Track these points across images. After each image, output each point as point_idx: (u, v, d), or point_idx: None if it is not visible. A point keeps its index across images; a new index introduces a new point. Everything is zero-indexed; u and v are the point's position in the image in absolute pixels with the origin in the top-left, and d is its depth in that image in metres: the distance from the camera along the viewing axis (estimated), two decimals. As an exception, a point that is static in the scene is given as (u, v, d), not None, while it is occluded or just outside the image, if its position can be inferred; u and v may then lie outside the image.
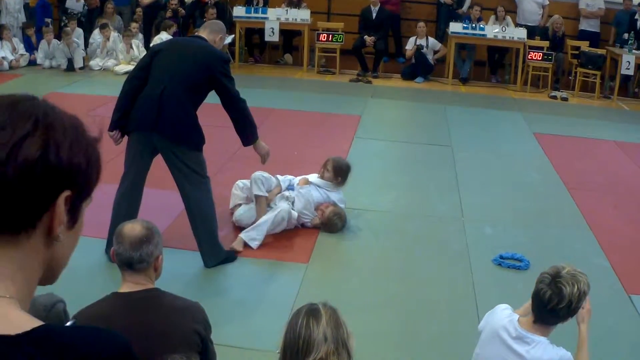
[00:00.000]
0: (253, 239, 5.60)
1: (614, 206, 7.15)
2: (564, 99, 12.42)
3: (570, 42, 13.46)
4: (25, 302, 1.11)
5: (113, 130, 5.10)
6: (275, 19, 13.11)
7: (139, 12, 13.61)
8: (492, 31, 12.88)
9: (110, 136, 5.09)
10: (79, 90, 10.97)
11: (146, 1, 13.79)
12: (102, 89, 11.10)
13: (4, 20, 13.06)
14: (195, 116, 5.03)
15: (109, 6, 13.54)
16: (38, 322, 1.08)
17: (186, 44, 5.30)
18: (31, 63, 12.58)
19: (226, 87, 5.00)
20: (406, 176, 7.76)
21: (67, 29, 12.54)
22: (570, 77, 13.38)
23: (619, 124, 10.83)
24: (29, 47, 12.86)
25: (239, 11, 13.24)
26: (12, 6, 13.19)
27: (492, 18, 13.34)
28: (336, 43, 13.19)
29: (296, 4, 13.51)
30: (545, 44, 12.89)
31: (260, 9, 13.27)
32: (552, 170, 8.15)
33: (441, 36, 13.88)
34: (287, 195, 6.02)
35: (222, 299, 4.85)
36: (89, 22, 13.65)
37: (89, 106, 9.83)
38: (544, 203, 7.10)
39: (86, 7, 13.69)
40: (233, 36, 13.15)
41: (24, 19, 13.41)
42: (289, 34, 13.94)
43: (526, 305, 3.24)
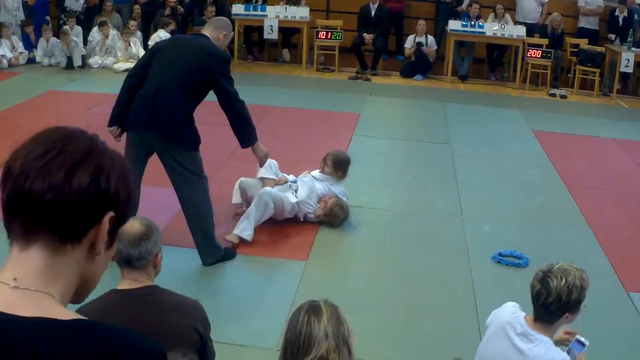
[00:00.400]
0: (244, 230, 5.60)
1: (612, 204, 7.15)
2: (563, 96, 12.42)
3: (569, 40, 13.45)
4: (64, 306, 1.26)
5: (112, 125, 5.11)
6: (274, 16, 13.10)
7: (137, 10, 13.60)
8: (491, 29, 12.87)
9: (109, 132, 5.09)
10: (78, 88, 10.97)
11: (144, -1, 13.78)
12: (101, 86, 11.09)
13: (2, 18, 13.04)
14: (190, 116, 5.00)
15: (108, 4, 13.52)
16: (84, 318, 1.24)
17: (187, 42, 5.26)
18: (30, 61, 12.57)
19: (224, 87, 4.96)
20: (405, 174, 7.76)
21: (65, 27, 12.53)
22: (569, 75, 13.37)
23: (618, 122, 10.83)
24: (28, 45, 12.85)
25: (238, 9, 13.22)
26: (11, 4, 13.16)
27: (491, 16, 13.34)
28: (335, 41, 13.19)
29: (295, 2, 13.50)
30: (545, 41, 12.89)
31: (259, 6, 13.25)
32: (551, 167, 8.15)
33: (440, 34, 13.88)
34: (289, 184, 6.04)
35: (222, 297, 4.85)
36: (88, 20, 13.64)
37: (88, 104, 9.84)
38: (543, 201, 7.10)
39: (85, 5, 13.68)
40: (232, 34, 13.11)
41: (22, 16, 13.40)
42: (288, 31, 13.93)
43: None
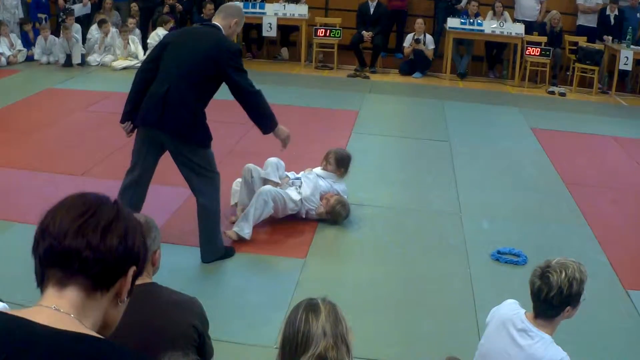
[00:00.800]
0: (242, 229, 5.60)
1: (611, 201, 7.15)
2: (562, 94, 12.42)
3: (568, 38, 13.47)
4: None
5: (124, 122, 5.12)
6: (273, 14, 13.10)
7: (134, 7, 13.58)
8: (490, 26, 12.87)
9: (122, 127, 5.10)
10: (76, 86, 10.96)
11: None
12: (100, 84, 11.09)
13: (1, 16, 13.03)
14: (201, 113, 4.97)
15: (108, 2, 13.52)
16: (111, 342, 1.47)
17: (196, 36, 5.12)
18: (29, 59, 12.56)
19: (236, 81, 4.91)
20: (404, 171, 7.76)
21: (66, 23, 12.52)
22: (568, 73, 13.38)
23: (617, 120, 10.83)
24: (27, 43, 12.84)
25: (236, 6, 13.19)
26: (10, 2, 13.16)
27: (490, 13, 13.34)
28: (334, 38, 13.18)
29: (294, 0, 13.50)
30: (543, 39, 12.89)
31: (258, 4, 13.24)
32: (550, 165, 8.16)
33: (439, 32, 13.87)
34: (292, 181, 6.04)
35: (220, 294, 4.85)
36: (87, 18, 13.63)
37: (87, 102, 9.84)
38: (542, 198, 7.10)
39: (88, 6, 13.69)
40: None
41: (21, 14, 13.39)
42: (287, 29, 13.92)
43: None
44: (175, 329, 2.71)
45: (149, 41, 12.29)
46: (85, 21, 13.49)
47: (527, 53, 12.66)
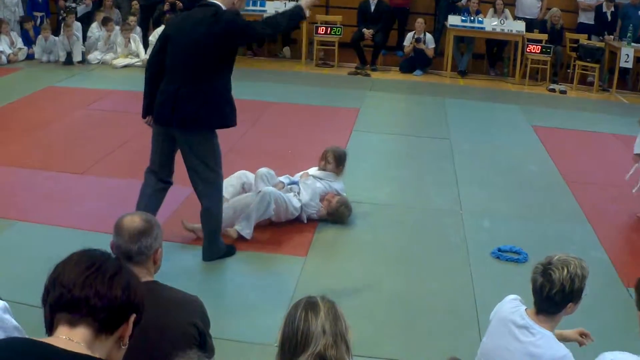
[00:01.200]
0: (244, 229, 5.60)
1: (612, 199, 7.15)
2: (563, 91, 12.42)
3: (569, 35, 13.45)
4: None
5: (145, 116, 5.13)
6: (274, 11, 13.07)
7: (135, 5, 13.57)
8: (491, 24, 12.86)
9: (144, 122, 5.16)
10: (77, 84, 10.96)
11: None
12: (101, 82, 11.10)
13: (1, 14, 13.03)
14: (223, 91, 4.89)
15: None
16: None
17: (193, 24, 4.83)
18: (29, 57, 12.56)
19: (252, 38, 4.88)
20: (404, 169, 7.76)
21: (67, 21, 12.51)
22: (568, 70, 13.37)
23: (618, 117, 10.82)
24: (27, 41, 12.84)
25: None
26: (10, 0, 13.15)
27: (491, 11, 13.33)
28: (335, 36, 13.18)
29: (294, -3, 13.50)
30: (544, 36, 12.88)
31: (259, 1, 13.22)
32: (551, 163, 8.15)
33: (440, 29, 13.86)
34: (290, 187, 6.02)
35: (221, 293, 4.86)
36: (87, 16, 13.62)
37: (87, 100, 9.84)
38: (543, 196, 7.10)
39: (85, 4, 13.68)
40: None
41: (21, 12, 13.39)
42: (288, 27, 13.88)
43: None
44: (176, 327, 2.71)
45: (150, 39, 12.29)
46: (85, 19, 13.48)
47: (527, 51, 12.65)
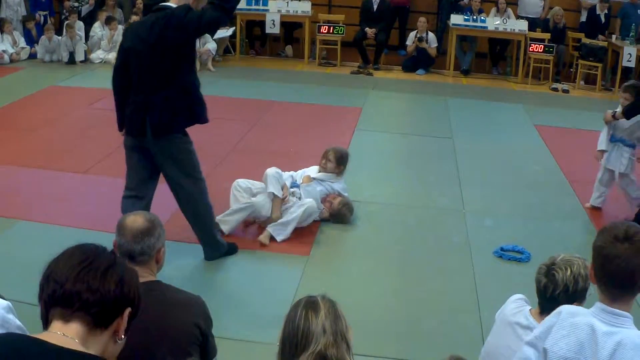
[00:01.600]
0: (279, 234, 5.62)
1: (614, 198, 7.13)
2: (565, 91, 12.40)
3: (572, 34, 13.42)
4: None
5: (122, 129, 5.05)
6: (276, 11, 13.08)
7: (139, 4, 13.57)
8: (493, 23, 12.84)
9: (122, 135, 5.04)
10: (79, 84, 10.96)
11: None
12: (103, 81, 10.99)
13: (4, 13, 13.04)
14: (188, 92, 4.76)
15: (110, -1, 13.53)
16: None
17: (148, 29, 4.76)
18: (32, 56, 12.56)
19: (204, 27, 4.67)
20: (407, 168, 7.75)
21: (70, 21, 12.51)
22: (571, 70, 13.35)
23: (620, 116, 10.78)
24: (30, 40, 12.84)
25: (240, 3, 13.16)
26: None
27: (493, 10, 13.30)
28: (337, 35, 13.17)
29: (297, -4, 13.48)
30: (547, 36, 12.86)
31: (261, 0, 13.22)
32: (553, 162, 8.14)
33: (442, 28, 13.85)
34: (293, 191, 6.00)
35: (223, 292, 4.86)
36: (89, 15, 13.62)
37: (90, 99, 9.83)
38: (545, 195, 7.09)
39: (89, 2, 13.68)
40: (234, 28, 13.12)
41: (24, 12, 13.39)
42: (290, 26, 13.90)
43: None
44: (178, 327, 2.71)
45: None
46: (87, 19, 13.48)
47: (530, 50, 12.63)
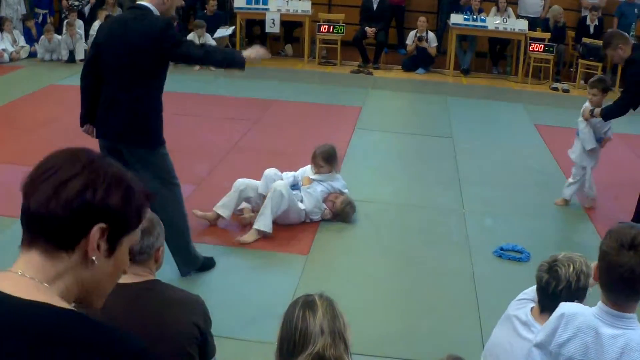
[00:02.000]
0: (261, 225, 5.58)
1: (614, 198, 7.14)
2: (566, 90, 12.40)
3: (572, 34, 13.42)
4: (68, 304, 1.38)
5: (83, 126, 4.98)
6: (276, 10, 13.08)
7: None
8: (493, 22, 12.85)
9: (84, 132, 4.97)
10: (79, 82, 10.92)
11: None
12: (103, 80, 11.07)
13: (3, 12, 13.04)
14: (153, 111, 4.65)
15: (110, -3, 13.52)
16: (74, 309, 1.34)
17: (124, 30, 4.58)
18: (31, 55, 12.56)
19: (183, 55, 4.57)
20: (407, 168, 7.75)
21: (70, 19, 12.51)
22: (571, 69, 13.35)
23: (621, 117, 10.77)
24: (29, 39, 12.83)
25: (239, 2, 13.20)
26: (12, -2, 13.17)
27: (494, 9, 13.31)
28: (337, 34, 13.18)
29: (297, -5, 13.48)
30: (547, 35, 12.86)
31: (261, 0, 13.23)
32: (553, 161, 8.14)
33: (442, 27, 13.85)
34: (294, 193, 5.99)
35: (222, 291, 4.85)
36: (89, 14, 13.62)
37: (90, 98, 9.82)
38: (545, 195, 7.08)
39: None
40: (234, 27, 13.12)
41: (24, 10, 13.39)
42: (290, 25, 13.91)
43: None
44: (177, 327, 2.70)
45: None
46: (87, 17, 13.48)
47: (530, 49, 12.64)
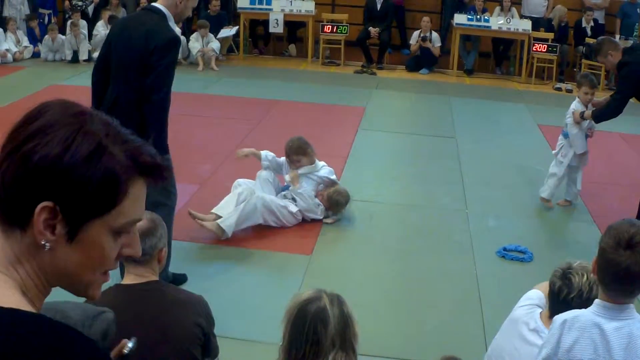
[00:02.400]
0: (228, 226, 5.43)
1: (618, 198, 7.13)
2: (569, 90, 12.37)
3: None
4: (32, 294, 1.16)
5: None
6: (280, 10, 13.09)
7: (143, 3, 13.58)
8: (497, 23, 12.84)
9: None
10: (83, 82, 10.88)
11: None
12: (106, 80, 11.09)
13: (7, 12, 13.06)
14: (158, 107, 4.41)
15: (114, -3, 13.55)
16: (26, 306, 1.11)
17: (132, 30, 4.43)
18: (35, 55, 12.58)
19: (150, 82, 4.27)
20: (410, 168, 7.75)
21: (74, 20, 12.53)
22: (575, 69, 13.33)
23: (624, 116, 10.69)
24: (33, 39, 12.85)
25: (243, 2, 13.20)
26: (16, -2, 13.20)
27: (497, 9, 13.30)
28: (341, 34, 13.17)
29: (300, -5, 13.49)
30: (550, 35, 12.84)
31: (265, 0, 13.24)
32: (557, 162, 8.12)
33: (446, 28, 13.84)
34: (284, 194, 5.96)
35: (225, 291, 4.85)
36: (93, 14, 13.64)
37: (93, 98, 9.84)
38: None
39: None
40: (237, 27, 13.13)
41: (27, 10, 13.41)
42: (294, 25, 13.91)
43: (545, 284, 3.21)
44: (180, 327, 2.71)
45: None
46: (91, 17, 13.50)
47: (534, 49, 12.62)
